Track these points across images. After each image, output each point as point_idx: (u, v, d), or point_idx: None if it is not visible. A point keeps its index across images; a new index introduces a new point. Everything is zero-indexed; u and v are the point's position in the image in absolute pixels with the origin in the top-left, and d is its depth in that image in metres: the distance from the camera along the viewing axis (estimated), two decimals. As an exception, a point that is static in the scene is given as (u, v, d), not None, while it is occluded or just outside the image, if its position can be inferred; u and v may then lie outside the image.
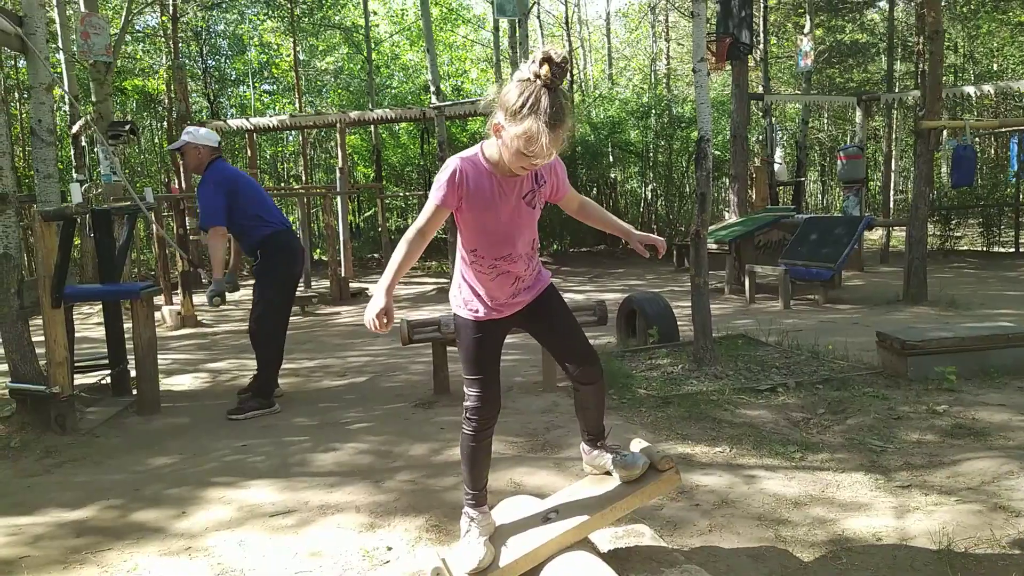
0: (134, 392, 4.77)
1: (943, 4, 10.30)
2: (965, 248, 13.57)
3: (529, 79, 1.89)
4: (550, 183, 2.18)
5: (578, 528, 2.21)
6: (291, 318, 4.88)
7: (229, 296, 4.84)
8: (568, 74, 1.92)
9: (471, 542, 2.21)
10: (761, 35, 15.09)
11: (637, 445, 2.43)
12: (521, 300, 2.27)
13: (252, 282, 4.74)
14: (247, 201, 4.54)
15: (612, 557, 2.23)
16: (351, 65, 21.47)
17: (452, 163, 2.09)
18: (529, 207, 2.15)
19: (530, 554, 2.18)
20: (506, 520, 2.36)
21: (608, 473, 2.39)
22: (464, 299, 2.27)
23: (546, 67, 1.86)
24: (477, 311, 2.25)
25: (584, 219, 2.42)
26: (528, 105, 1.87)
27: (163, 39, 16.50)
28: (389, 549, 2.60)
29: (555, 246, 15.53)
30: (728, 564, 2.39)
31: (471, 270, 2.23)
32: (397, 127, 17.45)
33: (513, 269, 2.20)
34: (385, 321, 2.04)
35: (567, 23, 21.91)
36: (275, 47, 20.35)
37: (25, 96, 14.38)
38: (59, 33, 9.85)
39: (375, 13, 21.94)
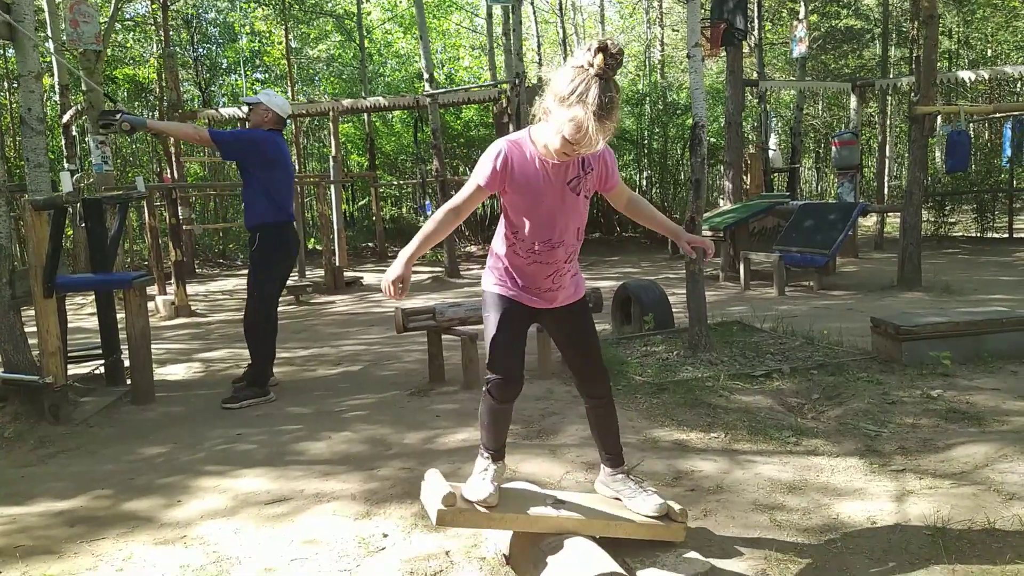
0: (128, 382, 4.76)
1: (938, -11, 10.25)
2: (959, 234, 13.60)
3: (583, 66, 1.87)
4: (598, 171, 2.17)
5: (579, 523, 2.24)
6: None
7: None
8: (622, 65, 1.91)
9: (485, 479, 2.25)
10: (756, 21, 15.03)
11: (656, 500, 2.39)
12: (553, 296, 2.27)
13: (246, 272, 4.73)
14: (278, 178, 4.55)
15: (608, 542, 2.24)
16: (344, 53, 21.33)
17: (499, 145, 2.10)
18: (574, 193, 2.14)
19: (530, 518, 2.21)
20: (509, 498, 2.37)
21: (618, 499, 2.40)
22: (498, 279, 2.28)
23: (600, 56, 1.84)
24: (509, 290, 2.26)
25: (633, 215, 2.41)
26: (578, 93, 1.86)
27: (153, 27, 16.36)
28: (385, 536, 2.60)
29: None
30: (723, 548, 2.39)
31: (511, 252, 2.23)
32: (391, 115, 17.35)
33: (553, 258, 2.20)
34: (401, 287, 2.09)
35: (561, 9, 21.81)
36: (267, 35, 20.19)
37: (14, 85, 14.25)
38: (48, 21, 9.75)
39: (367, 0, 21.77)
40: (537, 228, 2.15)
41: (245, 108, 4.74)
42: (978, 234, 13.40)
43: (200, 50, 19.57)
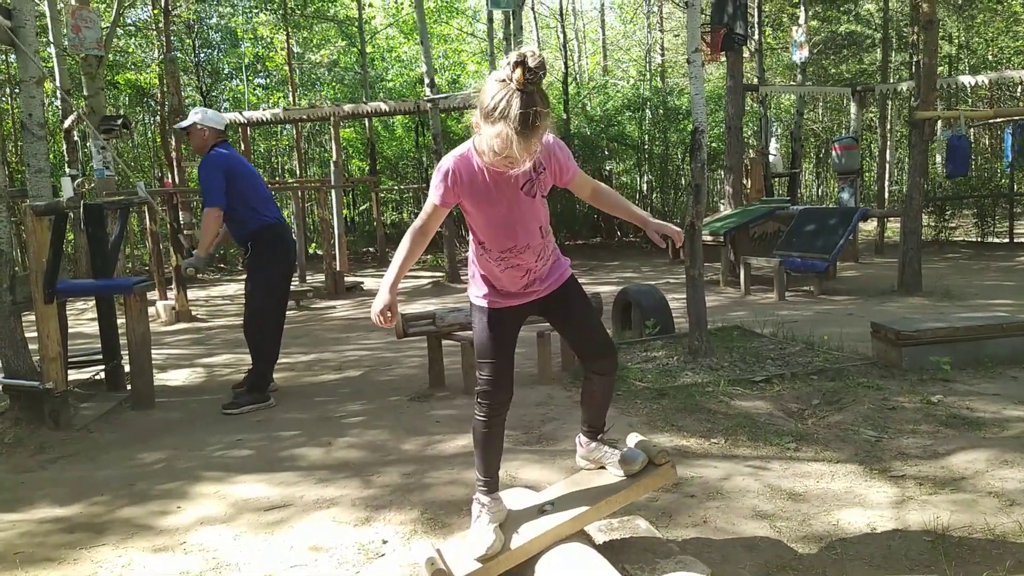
0: (128, 387, 4.76)
1: (938, -6, 10.28)
2: (960, 239, 13.59)
3: (504, 80, 1.84)
4: (551, 169, 2.14)
5: (574, 520, 2.21)
6: (287, 313, 4.86)
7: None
8: (545, 74, 1.85)
9: (482, 528, 2.21)
10: (756, 26, 15.05)
11: (633, 439, 2.43)
12: (535, 290, 2.27)
13: (244, 277, 4.73)
14: (244, 188, 4.52)
15: (607, 548, 2.23)
16: (346, 58, 21.37)
17: (445, 163, 2.09)
18: (529, 197, 2.12)
19: (525, 546, 2.18)
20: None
21: (603, 467, 2.40)
22: (478, 287, 2.29)
23: (519, 71, 1.80)
24: (490, 299, 2.26)
25: (599, 205, 2.38)
26: (499, 109, 1.82)
27: (155, 32, 16.41)
28: (384, 542, 2.60)
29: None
30: (723, 555, 2.39)
31: (482, 261, 2.24)
32: (392, 120, 17.38)
33: (522, 261, 2.19)
34: (389, 315, 2.13)
35: (561, 14, 21.84)
36: (268, 40, 20.23)
37: (16, 90, 14.29)
38: (49, 26, 9.78)
39: (370, 5, 21.83)
40: (499, 237, 2.15)
41: (183, 132, 4.75)
42: (979, 239, 13.39)
43: (202, 55, 19.61)
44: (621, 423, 3.69)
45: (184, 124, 4.65)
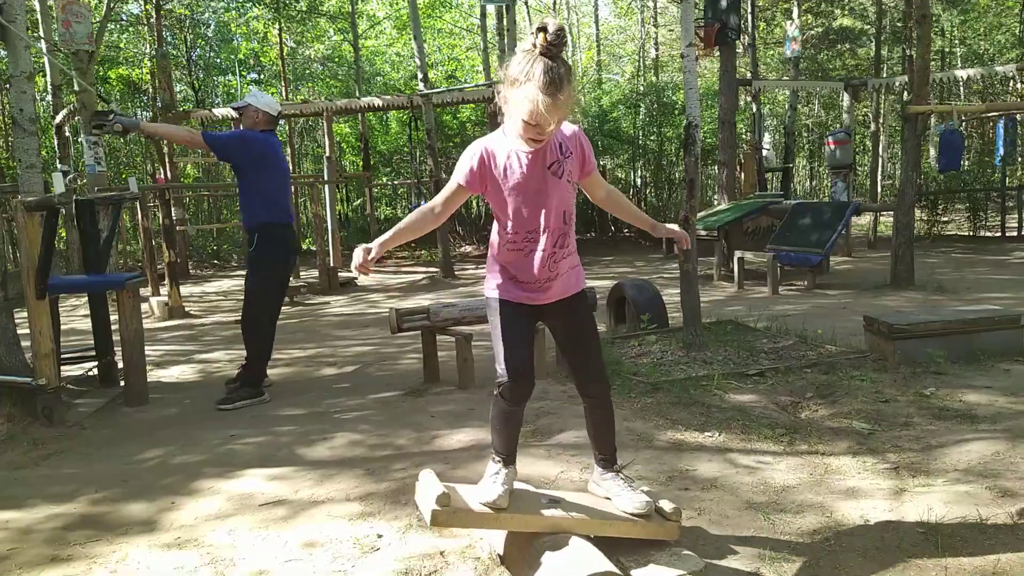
0: (122, 383, 4.74)
1: (930, -11, 10.31)
2: (952, 233, 13.65)
3: (529, 49, 1.97)
4: (576, 156, 2.20)
5: (574, 523, 2.24)
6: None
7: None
8: (566, 43, 1.99)
9: (496, 482, 2.26)
10: (750, 20, 15.06)
11: (653, 494, 2.46)
12: (550, 287, 2.28)
13: (244, 272, 4.73)
14: (271, 179, 4.53)
15: (602, 541, 2.24)
16: (340, 53, 21.30)
17: (476, 145, 2.17)
18: (556, 177, 2.16)
19: (526, 518, 2.21)
20: None
21: (608, 499, 2.41)
22: (496, 282, 2.31)
23: (541, 35, 1.93)
24: (506, 290, 2.29)
25: (610, 208, 2.46)
26: (524, 72, 1.94)
27: (147, 27, 16.32)
28: (380, 536, 2.60)
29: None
30: (717, 547, 2.40)
31: (503, 247, 2.26)
32: (387, 115, 17.34)
33: (545, 246, 2.21)
34: (370, 259, 2.13)
35: (554, 8, 21.81)
36: (262, 35, 20.15)
37: (6, 86, 14.19)
38: (40, 21, 9.72)
39: (363, 1, 21.74)
40: (524, 217, 2.19)
41: (234, 113, 4.73)
42: (971, 233, 13.45)
43: (195, 50, 19.52)
44: (617, 417, 3.68)
45: (239, 103, 4.67)
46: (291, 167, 17.50)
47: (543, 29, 1.93)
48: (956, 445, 3.16)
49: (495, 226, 2.29)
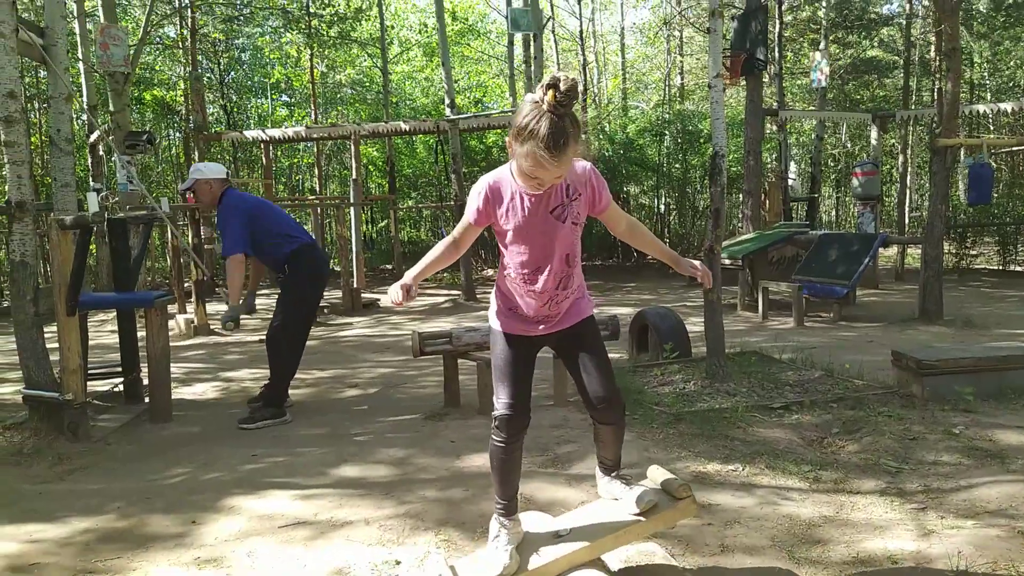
0: (146, 400, 4.79)
1: (960, 21, 10.25)
2: (981, 266, 13.44)
3: (537, 102, 1.91)
4: (585, 196, 2.16)
5: (589, 548, 2.20)
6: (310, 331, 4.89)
7: (244, 316, 4.88)
8: (577, 99, 1.92)
9: (498, 547, 2.20)
10: (776, 50, 15.08)
11: (655, 471, 2.42)
12: (553, 324, 2.26)
13: (278, 292, 4.79)
14: (270, 222, 4.64)
15: (624, 573, 2.21)
16: (370, 76, 21.60)
17: (481, 183, 2.15)
18: (559, 221, 2.13)
19: (540, 569, 2.16)
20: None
21: (617, 500, 2.38)
22: (499, 311, 2.30)
23: (551, 93, 1.88)
24: (505, 323, 2.27)
25: (632, 242, 2.41)
26: (529, 128, 1.90)
27: (182, 51, 16.70)
28: (397, 563, 2.58)
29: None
30: (740, 585, 2.35)
31: (505, 279, 2.26)
32: (414, 139, 17.53)
33: (545, 287, 2.18)
34: (407, 294, 2.11)
35: (582, 37, 22.00)
36: (295, 59, 20.51)
37: (45, 106, 14.56)
38: (79, 43, 9.98)
39: (392, 27, 22.09)
40: (523, 257, 2.17)
41: (190, 195, 4.85)
42: (1000, 267, 13.24)
43: (230, 73, 19.90)
44: (638, 448, 3.66)
45: (187, 184, 4.81)
46: (318, 189, 17.77)
47: (554, 86, 1.87)
48: (986, 486, 3.09)
49: (502, 257, 2.27)
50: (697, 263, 2.35)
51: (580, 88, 1.94)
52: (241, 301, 4.69)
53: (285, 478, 3.50)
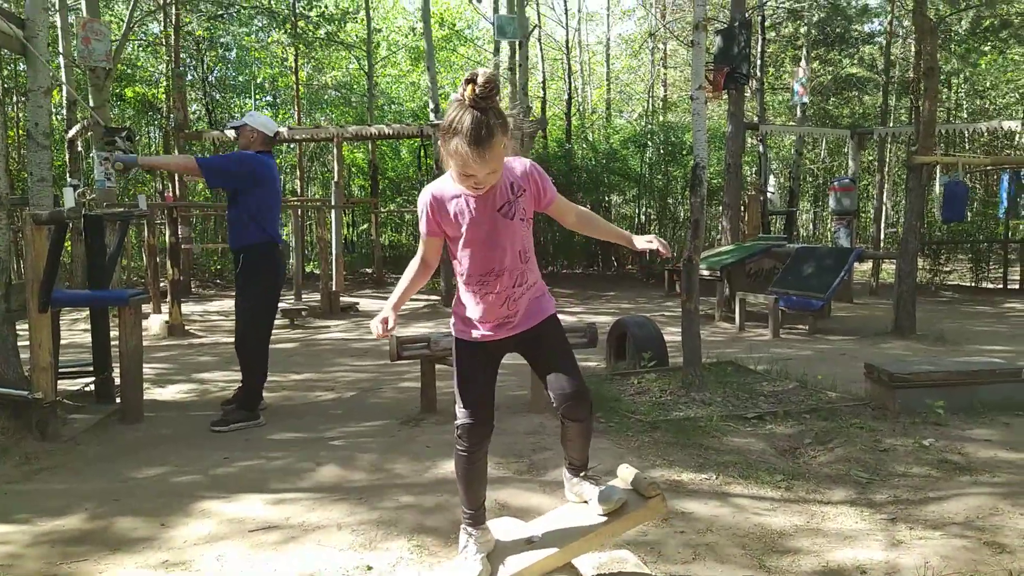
0: (118, 400, 4.72)
1: (939, 42, 10.43)
2: (954, 283, 13.65)
3: (460, 99, 1.92)
4: (530, 191, 2.15)
5: (562, 553, 2.19)
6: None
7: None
8: (498, 92, 1.93)
9: (468, 558, 2.19)
10: (759, 65, 15.26)
11: (625, 470, 2.42)
12: (515, 324, 2.23)
13: (235, 295, 4.72)
14: (262, 198, 4.52)
15: (595, 582, 2.21)
16: (355, 79, 21.53)
17: (424, 194, 2.15)
18: (507, 219, 2.12)
19: None
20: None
21: (586, 502, 2.37)
22: (459, 318, 2.28)
23: (469, 87, 1.89)
24: (470, 332, 2.24)
25: (584, 230, 2.40)
26: (452, 126, 1.91)
27: (164, 47, 16.56)
28: (369, 569, 2.57)
29: (548, 268, 15.57)
30: (711, 593, 2.36)
31: (462, 287, 2.24)
32: (399, 143, 17.51)
33: (502, 287, 2.17)
34: (389, 327, 2.16)
35: (567, 47, 22.12)
36: (283, 59, 20.39)
37: (23, 99, 14.37)
38: (60, 37, 9.87)
39: (379, 31, 22.05)
40: (477, 261, 2.16)
41: (231, 132, 4.75)
42: (973, 284, 13.45)
43: (214, 72, 19.74)
44: (613, 455, 3.67)
45: (238, 123, 4.67)
46: (299, 190, 17.67)
47: (472, 80, 1.88)
48: (955, 498, 3.13)
49: (455, 266, 2.24)
50: (651, 236, 2.34)
51: (500, 83, 1.94)
52: (136, 160, 4.50)
53: (256, 481, 3.47)
